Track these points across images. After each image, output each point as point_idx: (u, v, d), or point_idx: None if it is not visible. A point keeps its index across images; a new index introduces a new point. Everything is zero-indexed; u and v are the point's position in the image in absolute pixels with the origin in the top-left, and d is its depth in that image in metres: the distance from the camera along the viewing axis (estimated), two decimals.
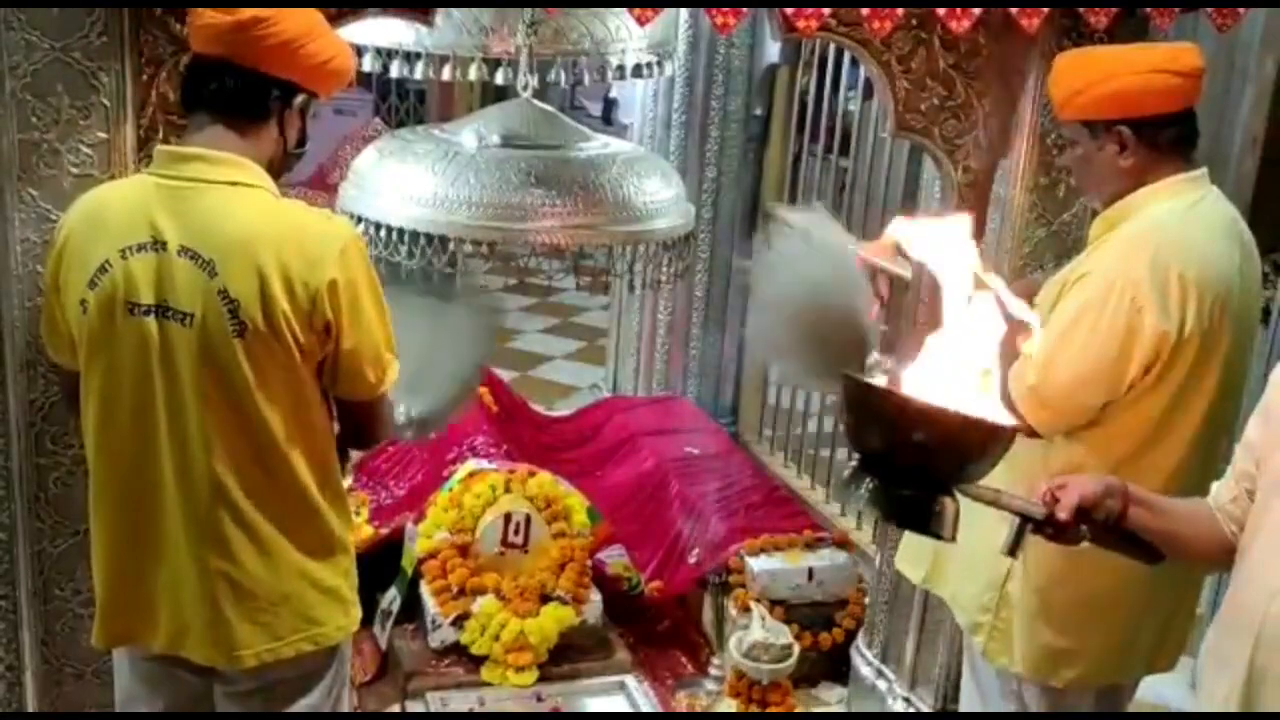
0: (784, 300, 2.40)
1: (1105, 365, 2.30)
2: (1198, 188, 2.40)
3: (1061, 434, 2.39)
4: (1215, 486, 1.92)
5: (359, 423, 2.18)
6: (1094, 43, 2.63)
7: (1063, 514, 1.81)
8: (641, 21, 2.45)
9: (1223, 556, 1.86)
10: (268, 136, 2.10)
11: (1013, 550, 1.85)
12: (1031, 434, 2.37)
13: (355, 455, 2.44)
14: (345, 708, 2.38)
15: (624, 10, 2.54)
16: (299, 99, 2.11)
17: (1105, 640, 2.48)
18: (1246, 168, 4.23)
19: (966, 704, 2.75)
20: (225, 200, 2.02)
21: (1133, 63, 2.37)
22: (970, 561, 2.57)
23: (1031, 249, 2.86)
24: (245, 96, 2.05)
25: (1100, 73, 2.36)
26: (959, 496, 1.76)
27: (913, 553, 2.77)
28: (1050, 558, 2.44)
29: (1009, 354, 1.83)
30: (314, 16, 2.11)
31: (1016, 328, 1.80)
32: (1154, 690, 2.83)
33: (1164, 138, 2.36)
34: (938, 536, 1.74)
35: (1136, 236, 2.34)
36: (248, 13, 2.00)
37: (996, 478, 2.38)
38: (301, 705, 2.23)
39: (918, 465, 1.70)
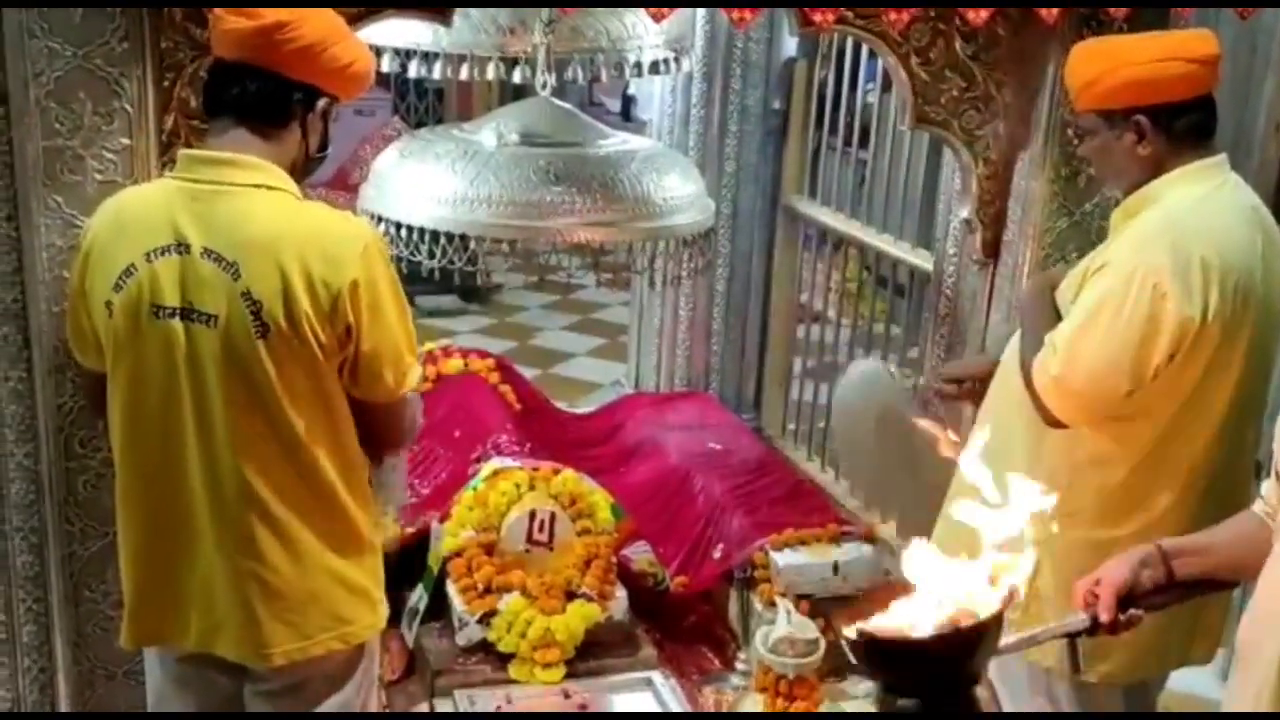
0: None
1: (1129, 353, 2.29)
2: (1217, 174, 2.39)
3: (1087, 424, 2.38)
4: (1265, 488, 1.90)
5: (377, 426, 2.18)
6: (1113, 32, 2.62)
7: (1105, 615, 1.83)
8: (657, 18, 2.46)
9: None
10: (290, 140, 2.11)
11: (1077, 666, 1.91)
12: (1056, 424, 2.36)
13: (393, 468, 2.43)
14: (374, 706, 2.40)
15: (640, 7, 2.55)
16: (321, 103, 2.12)
17: (1136, 635, 2.46)
18: (1270, 153, 4.20)
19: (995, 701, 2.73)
20: (248, 203, 2.03)
21: (1147, 51, 2.35)
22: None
23: (1053, 240, 2.86)
24: (268, 101, 2.07)
25: (1115, 62, 2.35)
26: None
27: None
28: (1079, 552, 2.43)
29: None
30: (335, 21, 2.12)
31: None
32: (1184, 681, 2.81)
33: (1181, 125, 2.35)
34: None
35: (1157, 224, 2.33)
36: (270, 18, 2.01)
37: (1026, 471, 2.39)
38: (331, 703, 2.24)
39: (939, 681, 1.74)
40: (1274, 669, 1.71)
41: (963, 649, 1.72)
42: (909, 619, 1.75)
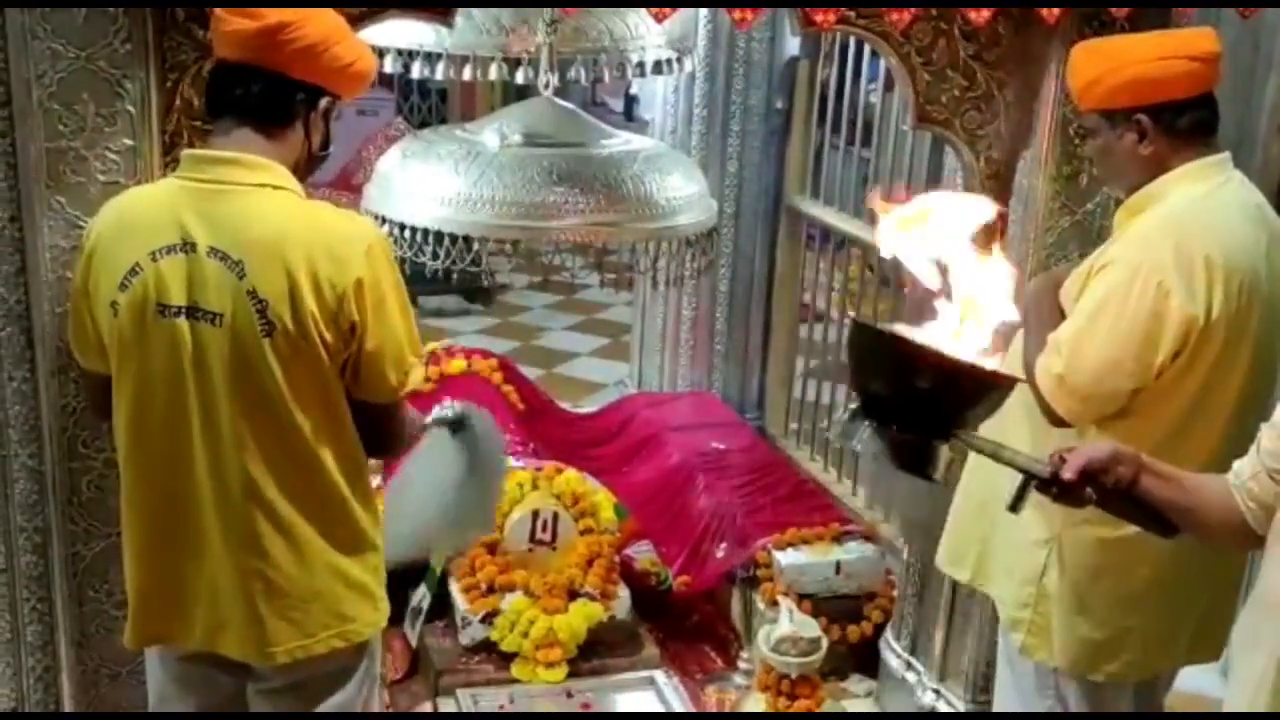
0: None
1: (1133, 351, 2.29)
2: (1220, 172, 2.39)
3: (1093, 424, 2.38)
4: (1237, 463, 1.90)
5: (376, 427, 2.17)
6: (1115, 32, 2.62)
7: (1068, 474, 1.82)
8: (659, 19, 2.46)
9: (1236, 533, 1.85)
10: (293, 139, 2.11)
11: (1015, 506, 1.87)
12: (1061, 424, 2.36)
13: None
14: (376, 704, 2.40)
15: (642, 7, 2.55)
16: (323, 102, 2.13)
17: (1145, 632, 2.47)
18: (1273, 152, 4.18)
19: (1002, 701, 2.72)
20: (253, 202, 2.04)
21: (1148, 50, 2.35)
22: (1008, 558, 2.56)
23: (1055, 239, 2.85)
24: (271, 100, 2.07)
25: (1115, 61, 2.35)
26: (972, 456, 1.79)
27: (956, 554, 2.74)
28: (1087, 551, 2.43)
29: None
30: (337, 21, 2.13)
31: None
32: (1190, 680, 2.81)
33: (1183, 124, 2.34)
34: (927, 478, 1.77)
35: (1160, 222, 2.32)
36: (273, 18, 2.02)
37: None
38: (333, 702, 2.24)
39: (915, 409, 1.75)
40: (1273, 663, 1.71)
41: (949, 382, 1.73)
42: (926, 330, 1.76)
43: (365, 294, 2.03)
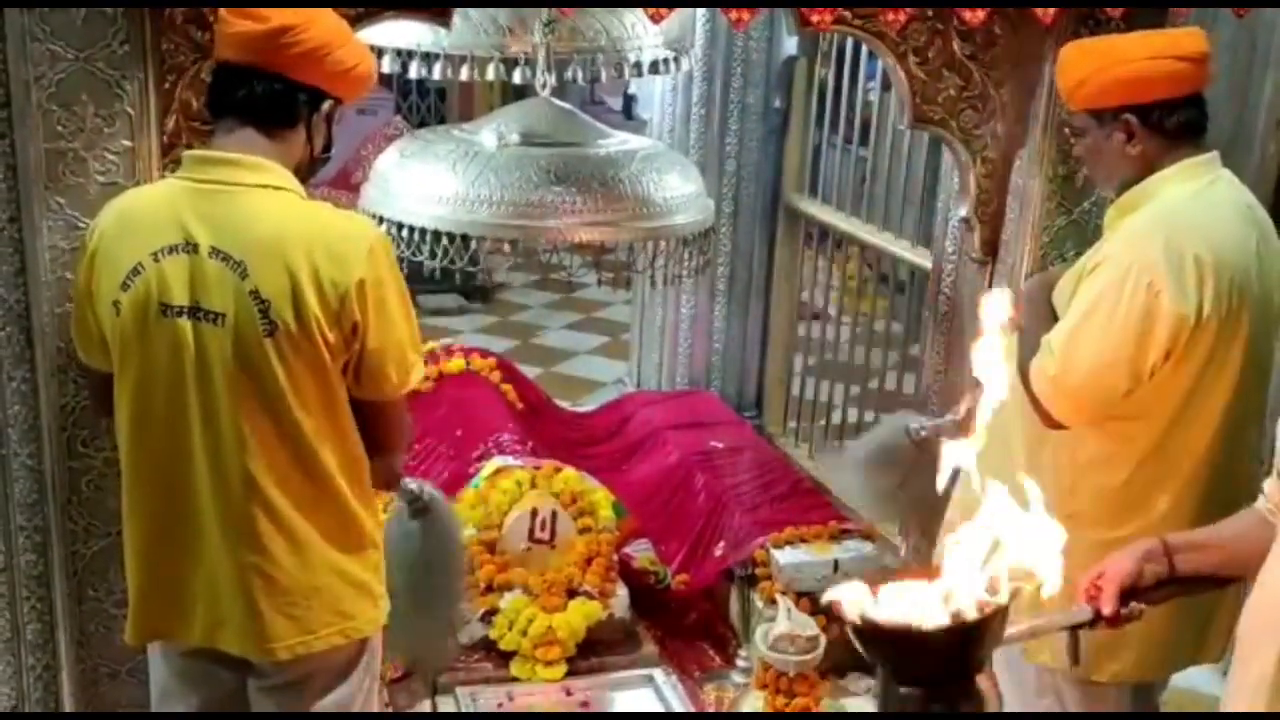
0: None
1: (1125, 352, 2.29)
2: (1209, 171, 2.39)
3: (1087, 425, 2.38)
4: (1267, 484, 1.90)
5: (378, 426, 2.19)
6: (1111, 32, 2.62)
7: (1108, 609, 1.84)
8: (655, 19, 2.47)
9: None
10: (295, 141, 2.13)
11: (1076, 658, 1.89)
12: (1056, 426, 2.36)
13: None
14: (375, 702, 2.41)
15: (639, 7, 2.56)
16: (326, 105, 2.14)
17: (1146, 634, 2.45)
18: (1270, 150, 4.20)
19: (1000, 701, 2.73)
20: (255, 202, 2.05)
21: (1136, 50, 2.36)
22: None
23: (1051, 238, 2.86)
24: (274, 102, 2.09)
25: (1103, 61, 2.36)
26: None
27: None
28: (1081, 553, 2.42)
29: None
30: (340, 24, 2.15)
31: None
32: (1187, 678, 2.81)
33: (1172, 123, 2.35)
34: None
35: (1150, 222, 2.33)
36: (277, 21, 2.04)
37: (1026, 475, 2.39)
38: (333, 698, 2.26)
39: (937, 665, 1.72)
40: (1273, 664, 1.72)
41: (966, 640, 1.71)
42: (912, 606, 1.74)
43: (367, 293, 2.04)
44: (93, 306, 2.11)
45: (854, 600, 1.69)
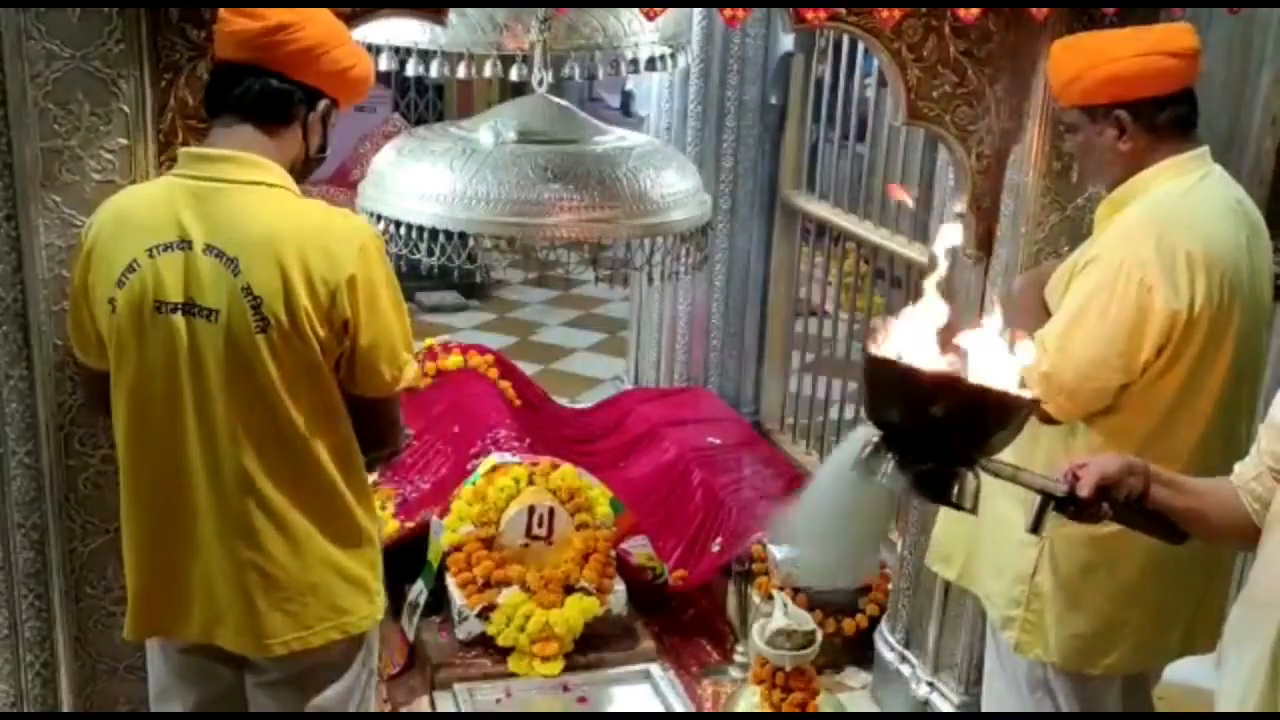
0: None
1: (1118, 347, 2.30)
2: (1200, 166, 2.40)
3: (1081, 420, 2.39)
4: (1239, 465, 1.92)
5: (371, 422, 2.20)
6: (1105, 28, 2.63)
7: (1084, 491, 1.83)
8: (650, 17, 2.47)
9: (1245, 534, 1.87)
10: (291, 140, 2.14)
11: (1036, 528, 1.89)
12: (1049, 420, 2.37)
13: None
14: (373, 698, 2.42)
15: (634, 6, 2.56)
16: (321, 104, 2.15)
17: (1138, 626, 2.48)
18: (1266, 146, 4.20)
19: (993, 698, 2.73)
20: (248, 200, 2.06)
21: (1126, 46, 2.37)
22: (997, 558, 2.57)
23: (1046, 234, 2.87)
24: (269, 100, 2.09)
25: (1094, 58, 2.37)
26: (982, 475, 1.79)
27: (944, 551, 2.75)
28: (1078, 547, 2.45)
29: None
30: (337, 25, 2.16)
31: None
32: (1179, 671, 2.82)
33: (1162, 119, 2.36)
34: (959, 508, 1.76)
35: (1141, 218, 2.34)
36: (274, 19, 2.05)
37: (1023, 461, 2.38)
38: (330, 694, 2.27)
39: (937, 439, 1.72)
40: (1265, 659, 1.72)
41: (970, 410, 1.70)
42: (935, 357, 1.74)
43: (358, 291, 2.05)
44: (89, 304, 2.12)
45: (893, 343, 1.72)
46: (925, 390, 1.70)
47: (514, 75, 2.95)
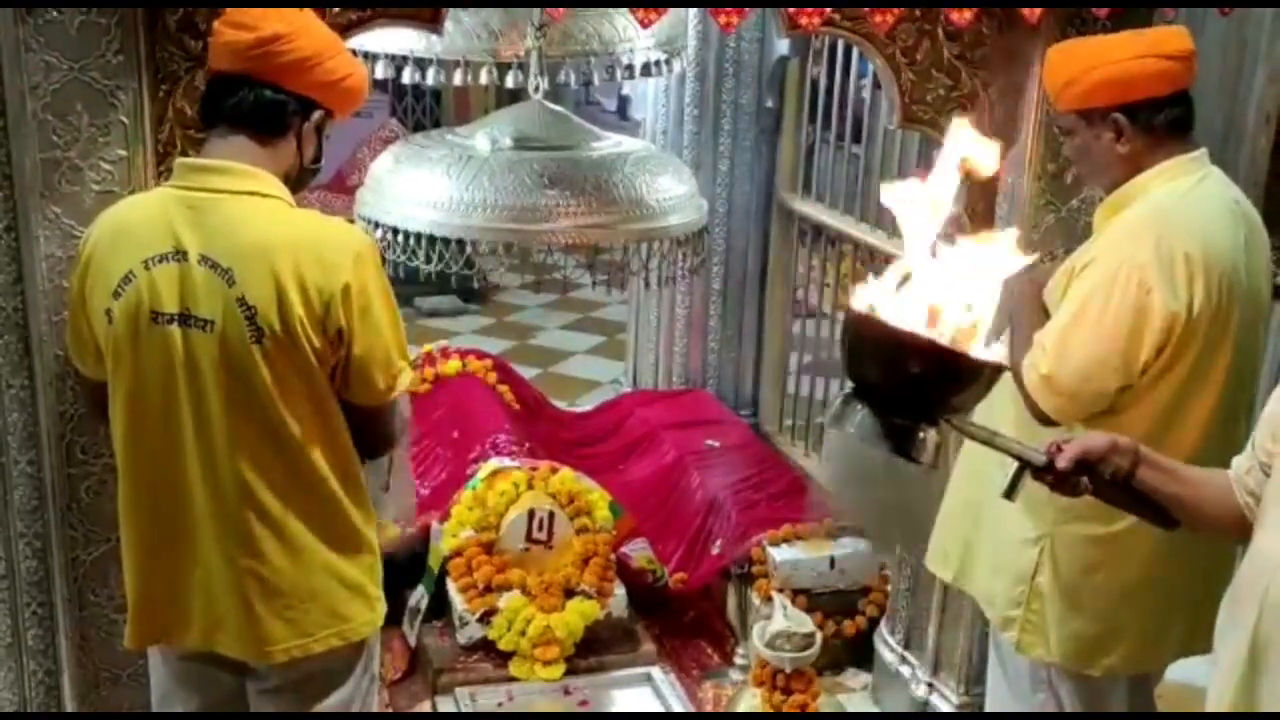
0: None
1: (1117, 349, 2.31)
2: (1198, 168, 2.41)
3: (1079, 421, 2.40)
4: (1236, 459, 1.93)
5: (367, 429, 2.21)
6: (1098, 32, 2.64)
7: (1063, 462, 1.83)
8: (645, 23, 2.48)
9: (1237, 527, 1.88)
10: (285, 150, 2.14)
11: (1010, 494, 1.88)
12: (1048, 422, 2.38)
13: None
14: (375, 703, 2.42)
15: (627, 8, 2.57)
16: (316, 115, 2.16)
17: (1140, 626, 2.48)
18: (1261, 146, 4.21)
19: (995, 699, 2.74)
20: (243, 210, 2.07)
21: (1121, 49, 2.37)
22: (996, 558, 2.58)
23: (1041, 236, 2.87)
24: (264, 111, 2.10)
25: (1089, 62, 2.37)
26: (963, 438, 1.83)
27: (941, 553, 2.76)
28: (1079, 547, 2.45)
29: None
30: (331, 36, 2.17)
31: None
32: (1179, 669, 2.83)
33: (1159, 121, 2.36)
34: (917, 462, 1.79)
35: (1140, 220, 2.35)
36: (268, 30, 2.05)
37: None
38: (333, 700, 2.27)
39: (906, 394, 1.77)
40: (1246, 643, 1.74)
41: (950, 372, 1.74)
42: (914, 316, 1.76)
43: (352, 300, 2.05)
44: (86, 315, 2.13)
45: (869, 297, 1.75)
46: (899, 345, 1.73)
47: (510, 82, 2.96)
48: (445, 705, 3.41)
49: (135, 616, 2.23)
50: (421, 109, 8.12)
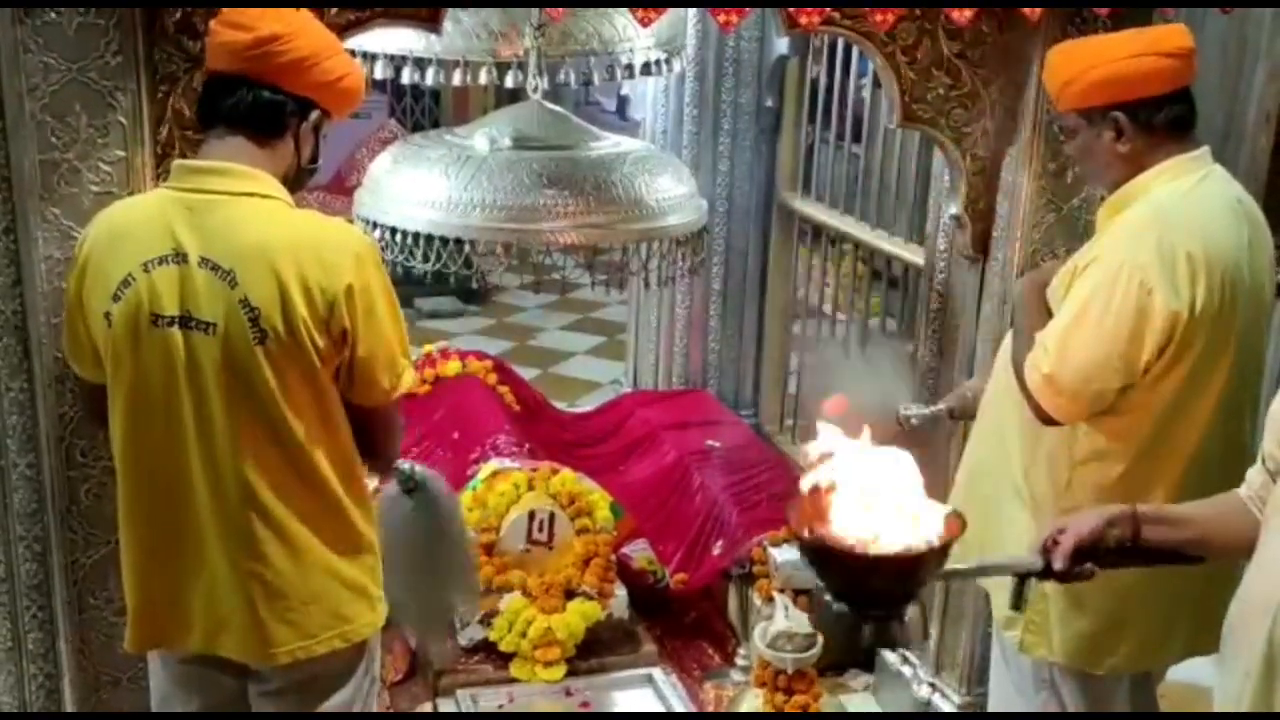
0: None
1: (1119, 349, 2.30)
2: (1200, 167, 2.40)
3: (1081, 421, 2.39)
4: (1249, 472, 1.92)
5: (370, 430, 2.21)
6: (1098, 30, 2.64)
7: (1058, 564, 1.86)
8: (644, 23, 2.48)
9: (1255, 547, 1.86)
10: (283, 151, 2.14)
11: (1017, 605, 1.96)
12: (1050, 422, 2.38)
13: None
14: (375, 704, 2.42)
15: (626, 7, 2.57)
16: (313, 115, 2.15)
17: (1143, 625, 2.48)
18: (1261, 144, 4.22)
19: (998, 698, 2.73)
20: (243, 211, 2.06)
21: (1121, 48, 2.37)
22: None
23: (1041, 235, 2.87)
24: (261, 112, 2.10)
25: (1089, 61, 2.37)
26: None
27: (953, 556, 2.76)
28: None
29: None
30: (329, 37, 2.17)
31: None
32: (1183, 670, 2.82)
33: (1160, 120, 2.36)
34: (893, 646, 1.94)
35: (1142, 219, 2.34)
36: (265, 30, 2.05)
37: (1024, 470, 2.41)
38: (334, 701, 2.27)
39: (877, 598, 1.92)
40: (1261, 651, 1.73)
41: (909, 571, 1.84)
42: (862, 528, 1.84)
43: (355, 300, 2.05)
44: (84, 318, 2.12)
45: (803, 518, 1.86)
46: (855, 567, 1.85)
47: (509, 81, 2.96)
48: (446, 707, 3.41)
49: (135, 620, 2.22)
50: (420, 109, 8.12)
